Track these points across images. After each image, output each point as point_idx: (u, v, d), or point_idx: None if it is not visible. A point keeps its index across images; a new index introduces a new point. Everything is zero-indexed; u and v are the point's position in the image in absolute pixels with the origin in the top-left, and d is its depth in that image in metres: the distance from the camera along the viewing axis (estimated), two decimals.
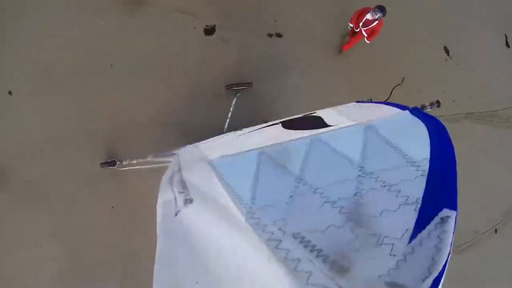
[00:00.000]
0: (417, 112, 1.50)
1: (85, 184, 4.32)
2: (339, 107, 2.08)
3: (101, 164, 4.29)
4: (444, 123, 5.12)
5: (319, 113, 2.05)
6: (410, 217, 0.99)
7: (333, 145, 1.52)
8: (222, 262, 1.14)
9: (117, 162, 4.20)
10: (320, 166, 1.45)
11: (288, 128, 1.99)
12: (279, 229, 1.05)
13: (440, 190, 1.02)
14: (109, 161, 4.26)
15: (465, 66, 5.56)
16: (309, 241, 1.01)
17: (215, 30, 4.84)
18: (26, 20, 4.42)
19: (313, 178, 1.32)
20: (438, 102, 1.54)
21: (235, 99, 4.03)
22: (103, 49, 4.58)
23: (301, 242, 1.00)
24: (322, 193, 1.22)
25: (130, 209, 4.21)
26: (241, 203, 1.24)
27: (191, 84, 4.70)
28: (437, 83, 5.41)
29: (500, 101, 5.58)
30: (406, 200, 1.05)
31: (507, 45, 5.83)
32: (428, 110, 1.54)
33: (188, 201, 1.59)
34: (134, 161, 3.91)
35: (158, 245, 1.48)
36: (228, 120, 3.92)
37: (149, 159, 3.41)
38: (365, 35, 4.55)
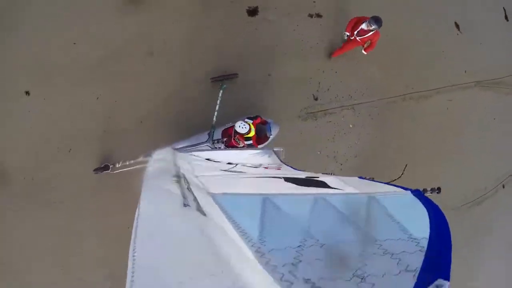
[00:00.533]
0: (419, 195, 1.59)
1: (88, 183, 4.28)
2: (342, 177, 2.19)
3: (94, 170, 4.20)
4: (458, 91, 5.18)
5: (322, 178, 2.14)
6: (409, 281, 1.11)
7: (339, 207, 1.57)
8: None
9: (110, 166, 4.13)
10: (327, 225, 1.49)
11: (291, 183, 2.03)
12: (289, 272, 1.07)
13: (437, 265, 1.15)
14: (102, 166, 4.19)
15: (473, 39, 5.80)
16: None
17: (258, 11, 4.91)
18: (26, 20, 4.36)
19: (321, 234, 1.34)
20: (438, 188, 1.65)
21: (222, 91, 4.02)
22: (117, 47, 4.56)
23: (312, 287, 1.04)
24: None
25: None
26: (248, 241, 1.20)
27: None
28: (451, 56, 5.66)
29: (504, 70, 5.95)
30: (406, 267, 1.17)
31: (506, 18, 6.23)
32: (428, 194, 1.63)
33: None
34: (127, 163, 3.86)
35: None
36: (216, 113, 3.91)
37: (141, 159, 3.31)
38: (360, 41, 4.40)
